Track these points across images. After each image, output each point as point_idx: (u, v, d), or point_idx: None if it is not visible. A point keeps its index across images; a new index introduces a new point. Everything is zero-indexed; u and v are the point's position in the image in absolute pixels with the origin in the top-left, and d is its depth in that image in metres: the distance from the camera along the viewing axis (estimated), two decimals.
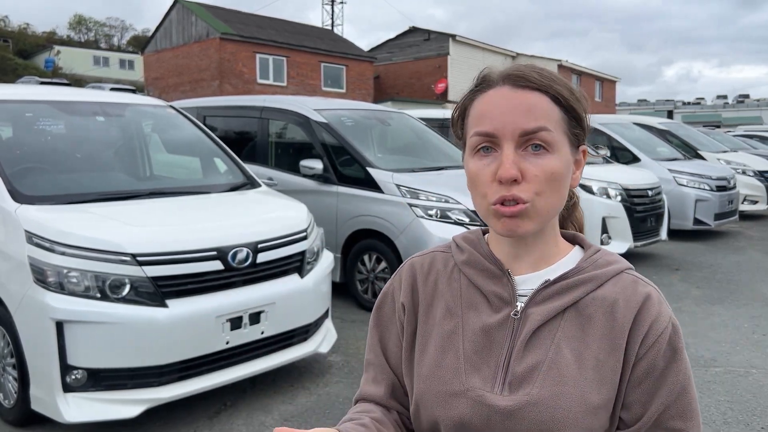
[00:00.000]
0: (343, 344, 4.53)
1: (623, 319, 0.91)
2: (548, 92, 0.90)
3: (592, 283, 0.94)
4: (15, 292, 3.01)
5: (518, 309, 0.94)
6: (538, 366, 0.91)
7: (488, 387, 0.92)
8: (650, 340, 0.90)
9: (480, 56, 31.07)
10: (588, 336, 0.91)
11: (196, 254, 3.20)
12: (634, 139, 9.99)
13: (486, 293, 0.98)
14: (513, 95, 0.89)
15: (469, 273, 1.00)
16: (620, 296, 0.92)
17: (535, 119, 0.88)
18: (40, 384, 2.97)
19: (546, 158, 0.88)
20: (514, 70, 0.92)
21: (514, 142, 0.88)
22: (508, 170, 0.87)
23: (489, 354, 0.94)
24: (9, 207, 3.17)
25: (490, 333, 0.95)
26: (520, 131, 0.88)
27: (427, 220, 5.07)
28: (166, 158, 4.84)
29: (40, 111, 4.09)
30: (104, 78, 37.39)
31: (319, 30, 32.66)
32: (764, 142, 17.52)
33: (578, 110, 0.93)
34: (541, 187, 0.88)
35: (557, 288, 0.94)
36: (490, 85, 0.93)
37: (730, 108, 61.49)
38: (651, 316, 0.91)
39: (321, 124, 5.95)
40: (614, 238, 7.08)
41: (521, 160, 0.88)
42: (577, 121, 0.93)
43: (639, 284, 0.94)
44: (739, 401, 3.73)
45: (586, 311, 0.93)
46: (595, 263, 0.96)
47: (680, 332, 0.93)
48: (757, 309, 5.68)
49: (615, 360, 0.91)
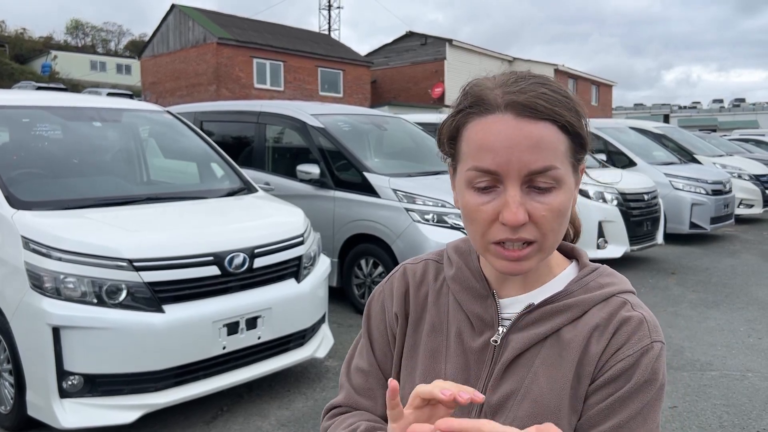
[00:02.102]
0: (339, 349, 4.53)
1: (597, 346, 0.85)
2: (556, 121, 0.80)
3: (578, 309, 0.88)
4: (11, 298, 3.01)
5: (499, 334, 0.90)
6: (513, 395, 0.87)
7: (465, 414, 0.89)
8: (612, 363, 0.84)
9: (477, 61, 31.15)
10: (564, 362, 0.86)
11: (193, 259, 3.21)
12: (630, 143, 10.03)
13: (469, 314, 0.93)
14: (518, 126, 0.78)
15: (456, 290, 0.96)
16: (602, 322, 0.86)
17: (543, 157, 0.78)
18: (36, 390, 2.96)
19: (553, 195, 0.80)
20: (518, 95, 0.80)
21: (519, 181, 0.79)
22: (514, 214, 0.78)
23: (468, 379, 0.91)
24: (6, 212, 3.17)
25: (470, 357, 0.91)
26: (527, 170, 0.78)
27: (424, 225, 5.08)
28: (163, 163, 4.85)
29: (37, 116, 4.09)
30: (101, 83, 37.39)
31: (316, 35, 32.71)
32: (760, 146, 17.57)
33: (584, 134, 0.84)
34: (548, 225, 0.81)
35: (540, 313, 0.88)
36: (488, 109, 0.81)
37: (726, 112, 61.63)
38: (621, 340, 0.85)
39: (318, 129, 5.96)
40: (610, 242, 7.10)
41: (527, 200, 0.80)
42: (582, 145, 0.84)
43: (624, 309, 0.87)
44: (735, 405, 3.75)
45: (566, 336, 0.87)
46: (585, 286, 0.90)
47: (659, 360, 0.84)
48: (753, 312, 5.69)
49: (583, 388, 0.85)
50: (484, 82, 0.84)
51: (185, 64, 26.34)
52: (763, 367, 4.35)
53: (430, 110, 24.04)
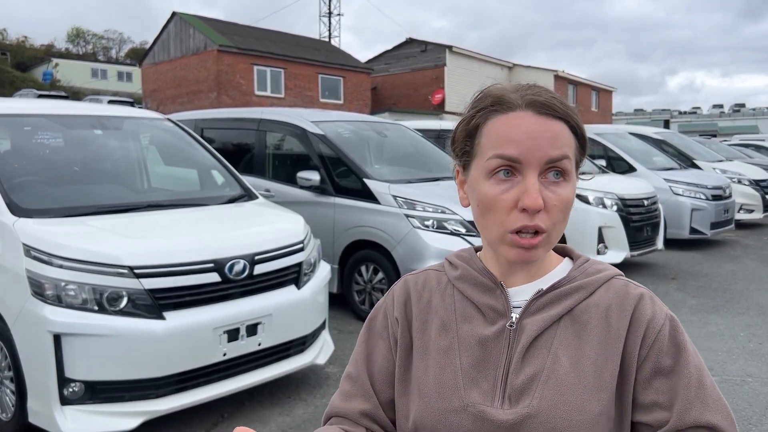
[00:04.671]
0: (340, 355, 4.53)
1: (618, 324, 0.92)
2: (569, 122, 0.90)
3: (585, 291, 0.95)
4: (13, 305, 3.02)
5: (513, 320, 0.94)
6: (536, 376, 0.90)
7: (488, 401, 0.91)
8: (649, 340, 0.91)
9: (477, 67, 31.22)
10: (584, 343, 0.91)
11: (194, 266, 3.22)
12: (630, 148, 10.04)
13: (480, 306, 0.97)
14: (539, 122, 0.88)
15: (463, 287, 1.00)
16: (613, 301, 0.93)
17: (560, 147, 0.88)
18: (37, 397, 2.97)
19: (563, 187, 0.89)
20: (536, 96, 0.90)
21: (539, 170, 0.88)
22: (535, 200, 0.86)
23: (486, 367, 0.93)
24: (7, 220, 3.19)
25: (487, 346, 0.94)
26: (547, 158, 0.87)
27: (424, 231, 5.09)
28: (164, 171, 4.86)
29: (38, 124, 4.11)
30: (102, 90, 37.48)
31: (316, 42, 32.81)
32: (760, 151, 17.59)
33: (586, 138, 0.94)
34: (558, 216, 0.89)
35: (550, 297, 0.94)
36: (510, 107, 0.90)
37: (726, 117, 61.74)
38: (646, 315, 0.92)
39: (318, 136, 5.98)
40: (610, 248, 7.10)
41: (543, 188, 0.88)
42: (584, 148, 0.94)
43: (630, 287, 0.95)
44: (736, 410, 3.74)
45: (581, 318, 0.93)
46: (585, 272, 0.97)
47: (680, 327, 0.93)
48: (753, 318, 5.69)
49: (613, 365, 0.90)
50: (497, 88, 0.94)
51: (186, 71, 26.42)
52: (763, 372, 4.35)
53: (431, 117, 24.06)
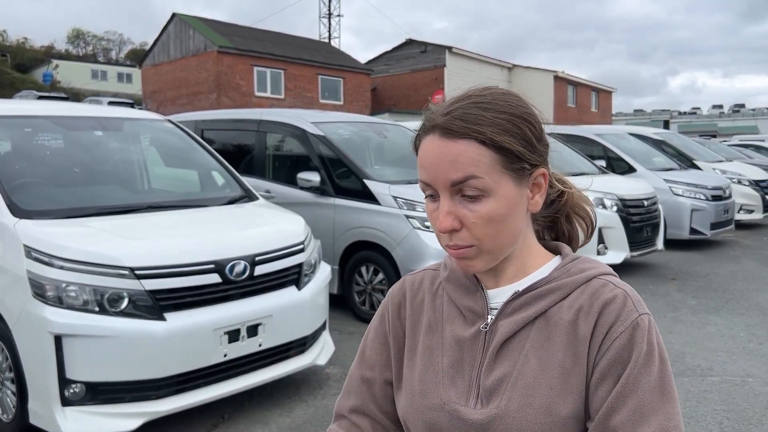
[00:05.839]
0: (340, 356, 4.53)
1: (585, 327, 0.90)
2: (474, 138, 0.87)
3: (561, 292, 0.93)
4: (14, 307, 3.02)
5: (488, 321, 0.96)
6: (506, 378, 0.92)
7: (463, 400, 0.94)
8: (605, 346, 0.88)
9: (477, 68, 31.26)
10: (553, 345, 0.91)
11: (194, 267, 3.22)
12: (630, 149, 10.05)
13: (461, 308, 1.00)
14: (440, 145, 0.89)
15: (449, 289, 1.03)
16: (585, 303, 0.91)
17: (462, 168, 0.87)
18: (38, 398, 2.97)
19: (482, 203, 0.88)
20: (440, 117, 0.90)
21: (448, 192, 0.89)
22: (442, 223, 0.89)
23: (463, 367, 0.96)
24: (8, 221, 3.19)
25: (464, 346, 0.97)
26: (449, 182, 0.88)
27: (424, 232, 5.10)
28: (164, 172, 4.87)
29: (38, 126, 4.12)
30: (102, 91, 37.53)
31: (316, 42, 32.83)
32: (760, 151, 17.60)
33: (515, 147, 0.89)
34: (481, 231, 0.89)
35: (525, 299, 0.94)
36: (426, 131, 0.93)
37: (726, 117, 61.77)
38: (609, 320, 0.89)
39: (318, 137, 5.99)
40: (610, 249, 7.11)
41: (458, 207, 0.89)
42: (517, 155, 0.89)
43: (606, 288, 0.92)
44: (736, 410, 3.75)
45: (553, 319, 0.92)
46: (568, 272, 0.95)
47: (647, 334, 0.88)
48: (753, 318, 5.70)
49: (579, 370, 0.89)
50: (434, 107, 0.95)
51: (186, 72, 26.43)
52: (763, 373, 4.36)
53: None
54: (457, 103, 0.92)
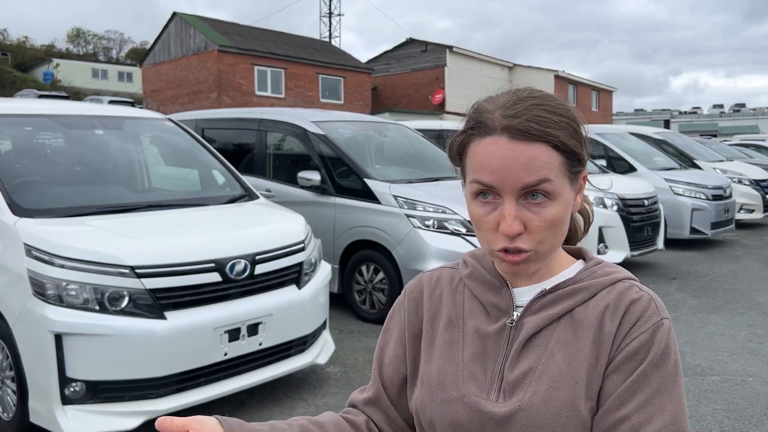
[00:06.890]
0: (340, 355, 4.53)
1: (611, 324, 0.92)
2: (548, 141, 0.87)
3: (587, 292, 0.95)
4: (14, 305, 3.03)
5: (514, 318, 0.96)
6: (530, 372, 0.92)
7: (484, 394, 0.94)
8: (627, 340, 0.90)
9: (477, 67, 31.23)
10: (580, 341, 0.92)
11: (194, 266, 3.22)
12: (630, 148, 10.04)
13: (485, 304, 1.00)
14: (513, 147, 0.87)
15: (471, 285, 1.04)
16: (612, 302, 0.93)
17: (536, 172, 0.87)
18: (38, 397, 2.98)
19: (548, 207, 0.88)
20: (512, 119, 0.88)
21: (515, 195, 0.88)
22: (510, 226, 0.88)
23: (485, 361, 0.97)
24: (8, 220, 3.19)
25: (487, 341, 0.98)
26: (520, 185, 0.87)
27: (425, 231, 5.10)
28: (165, 171, 4.87)
29: (39, 124, 4.12)
30: (103, 90, 37.55)
31: (316, 42, 32.81)
32: (760, 151, 17.60)
33: (579, 150, 0.91)
34: (543, 235, 0.89)
35: (553, 297, 0.95)
36: (487, 131, 0.90)
37: (727, 117, 61.75)
38: (634, 318, 0.91)
39: (318, 136, 5.99)
40: (611, 248, 7.11)
41: (523, 210, 0.88)
42: (578, 160, 0.92)
43: (632, 290, 0.95)
44: (736, 410, 3.75)
45: (579, 317, 0.94)
46: (593, 274, 0.97)
47: (670, 335, 0.91)
48: (754, 318, 5.70)
49: (600, 365, 0.91)
50: (484, 105, 0.93)
51: (186, 71, 26.43)
52: (763, 372, 4.36)
53: (431, 117, 24.06)
54: (519, 104, 0.90)
